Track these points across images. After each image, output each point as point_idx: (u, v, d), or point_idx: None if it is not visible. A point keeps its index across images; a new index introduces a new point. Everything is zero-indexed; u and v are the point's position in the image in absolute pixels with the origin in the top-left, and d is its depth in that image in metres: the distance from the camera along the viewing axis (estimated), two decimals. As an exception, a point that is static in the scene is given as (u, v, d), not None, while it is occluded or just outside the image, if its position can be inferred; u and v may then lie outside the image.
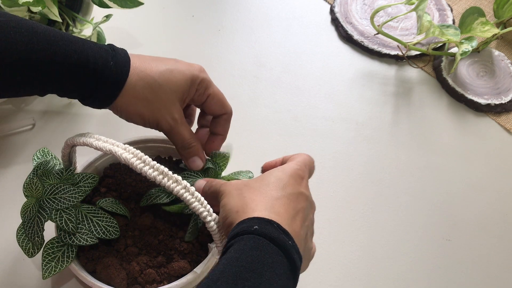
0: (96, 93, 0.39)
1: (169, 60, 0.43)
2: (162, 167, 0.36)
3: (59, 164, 0.45)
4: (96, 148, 0.37)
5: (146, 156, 0.36)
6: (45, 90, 0.38)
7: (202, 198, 0.36)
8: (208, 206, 0.37)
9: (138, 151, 0.36)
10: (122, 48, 0.42)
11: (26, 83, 0.37)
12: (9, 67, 0.35)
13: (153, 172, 0.36)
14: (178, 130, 0.42)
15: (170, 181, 0.36)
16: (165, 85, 0.40)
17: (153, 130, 0.45)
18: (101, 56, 0.38)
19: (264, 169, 0.43)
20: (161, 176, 0.36)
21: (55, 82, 0.37)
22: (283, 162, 0.41)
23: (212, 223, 0.37)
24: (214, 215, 0.37)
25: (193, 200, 0.36)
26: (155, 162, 0.36)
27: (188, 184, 0.36)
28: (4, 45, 0.34)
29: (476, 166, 0.63)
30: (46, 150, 0.45)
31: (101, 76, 0.38)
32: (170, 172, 0.36)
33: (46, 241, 0.41)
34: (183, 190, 0.36)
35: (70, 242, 0.40)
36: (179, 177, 0.36)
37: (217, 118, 0.46)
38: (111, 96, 0.39)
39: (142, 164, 0.36)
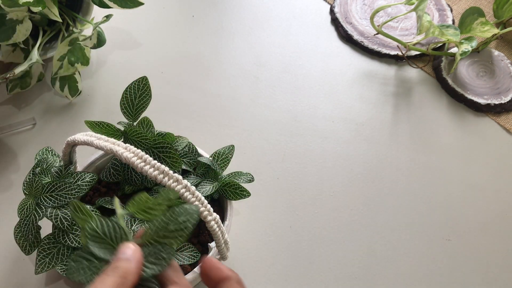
0: None
1: None
2: (162, 166, 0.36)
3: (59, 162, 0.45)
4: (97, 147, 0.37)
5: (147, 155, 0.36)
6: None
7: (203, 198, 0.36)
8: (209, 206, 0.37)
9: (139, 150, 0.36)
10: None
11: None
12: None
13: (154, 171, 0.36)
14: None
15: (171, 181, 0.36)
16: None
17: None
18: None
19: (205, 267, 0.32)
20: (161, 175, 0.36)
21: None
22: (224, 277, 0.31)
23: (213, 222, 0.37)
24: (215, 214, 0.37)
25: (193, 199, 0.36)
26: (155, 162, 0.36)
27: (189, 184, 0.36)
28: None
29: (476, 166, 0.63)
30: (49, 149, 0.45)
31: None
32: (171, 172, 0.36)
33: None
34: (183, 190, 0.36)
35: (63, 242, 0.40)
36: (180, 177, 0.36)
37: None
38: None
39: (143, 163, 0.36)
